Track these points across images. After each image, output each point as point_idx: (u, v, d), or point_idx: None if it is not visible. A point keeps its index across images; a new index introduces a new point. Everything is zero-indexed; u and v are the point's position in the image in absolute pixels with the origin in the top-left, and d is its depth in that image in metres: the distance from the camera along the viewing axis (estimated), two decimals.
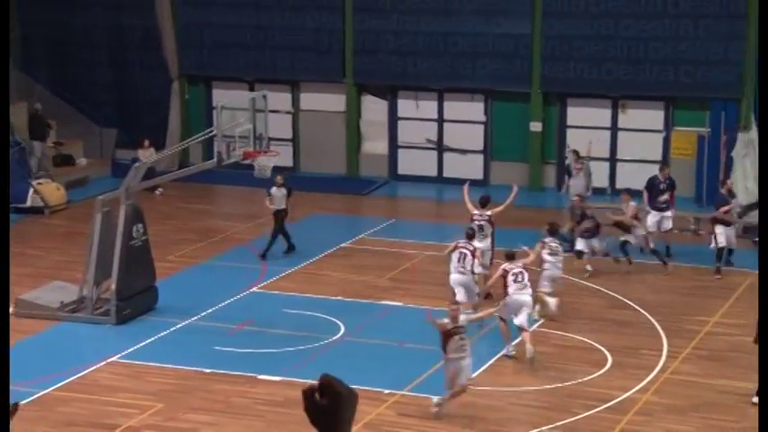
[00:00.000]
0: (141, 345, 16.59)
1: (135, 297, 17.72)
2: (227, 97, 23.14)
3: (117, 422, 13.85)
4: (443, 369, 13.93)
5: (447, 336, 13.72)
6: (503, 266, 16.47)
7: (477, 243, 17.75)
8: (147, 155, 23.71)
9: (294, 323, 17.36)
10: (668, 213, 20.56)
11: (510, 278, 16.07)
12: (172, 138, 27.51)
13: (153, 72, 28.25)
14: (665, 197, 20.52)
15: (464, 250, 17.23)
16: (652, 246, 19.78)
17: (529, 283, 16.17)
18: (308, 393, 2.69)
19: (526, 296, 16.08)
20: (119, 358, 16.08)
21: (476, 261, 17.21)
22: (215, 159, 18.17)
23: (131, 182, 17.96)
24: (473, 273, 17.20)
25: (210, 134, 18.58)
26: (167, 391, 14.90)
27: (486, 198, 19.16)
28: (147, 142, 25.39)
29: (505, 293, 16.10)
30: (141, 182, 18.66)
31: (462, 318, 13.92)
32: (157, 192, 25.01)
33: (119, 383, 15.17)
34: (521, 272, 16.12)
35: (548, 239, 17.77)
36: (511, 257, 16.52)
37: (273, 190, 20.55)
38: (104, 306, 17.57)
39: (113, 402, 14.41)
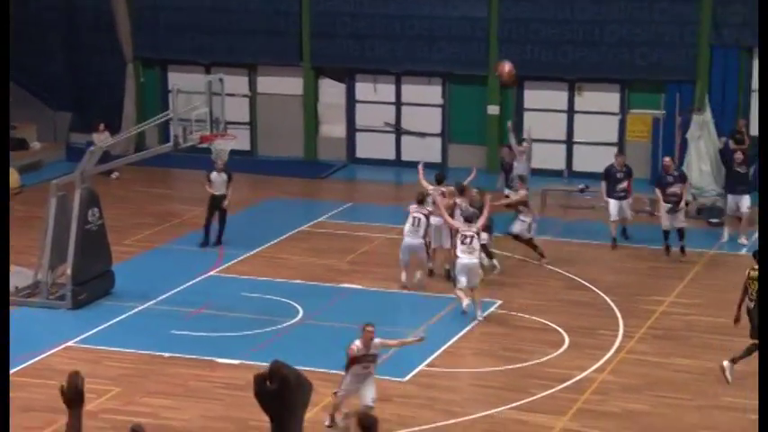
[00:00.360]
0: (98, 329, 16.51)
1: (91, 281, 17.63)
2: (182, 80, 22.98)
3: None
4: (343, 382, 13.10)
5: (352, 361, 12.92)
6: (458, 225, 17.12)
7: (432, 220, 17.98)
8: (101, 138, 23.51)
9: (253, 307, 17.35)
10: (626, 202, 20.58)
11: (458, 239, 16.68)
12: (127, 121, 27.32)
13: (107, 55, 27.98)
14: (622, 185, 20.57)
15: (417, 215, 17.84)
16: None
17: (477, 249, 16.67)
18: (258, 379, 2.70)
19: (473, 260, 16.58)
20: (75, 343, 15.99)
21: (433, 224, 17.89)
22: (171, 143, 18.07)
23: (86, 166, 17.84)
24: (424, 238, 17.85)
25: (166, 118, 18.47)
26: (125, 375, 14.85)
27: (442, 175, 19.36)
28: (101, 126, 25.16)
29: (455, 254, 16.74)
30: (96, 166, 18.52)
31: (377, 341, 12.86)
32: (113, 176, 24.82)
33: (76, 368, 15.07)
34: (472, 236, 16.59)
35: (459, 200, 18.02)
36: (469, 221, 16.96)
37: (213, 175, 20.31)
38: (60, 291, 17.45)
39: None
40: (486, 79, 25.75)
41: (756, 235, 20.49)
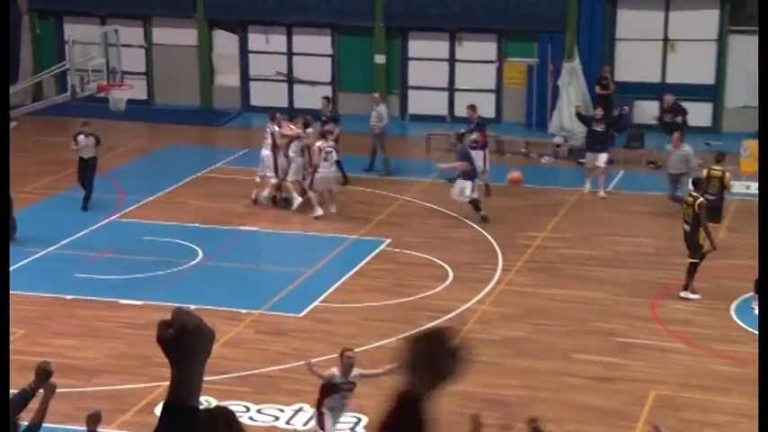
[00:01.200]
0: None
1: None
2: (78, 32, 22.24)
3: None
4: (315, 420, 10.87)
5: (329, 391, 10.52)
6: (317, 144, 18.35)
7: (264, 151, 19.11)
8: None
9: (154, 250, 17.06)
10: (486, 151, 20.32)
11: (322, 156, 18.09)
12: (24, 72, 26.34)
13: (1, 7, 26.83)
14: (473, 137, 20.19)
15: (267, 128, 19.28)
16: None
17: (335, 160, 18.73)
18: (160, 325, 2.63)
19: (333, 171, 18.65)
20: None
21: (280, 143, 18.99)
22: (69, 93, 17.51)
23: None
24: (272, 151, 19.02)
25: (63, 68, 17.88)
26: (29, 317, 14.46)
27: (308, 120, 19.69)
28: None
29: (316, 170, 18.25)
30: None
31: (356, 371, 10.62)
32: (11, 125, 23.90)
33: None
34: (331, 151, 18.45)
35: (321, 143, 18.48)
36: (324, 135, 18.61)
37: (81, 138, 19.06)
38: None
39: None
40: (372, 30, 25.59)
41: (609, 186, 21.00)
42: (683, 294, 15.12)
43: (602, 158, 20.03)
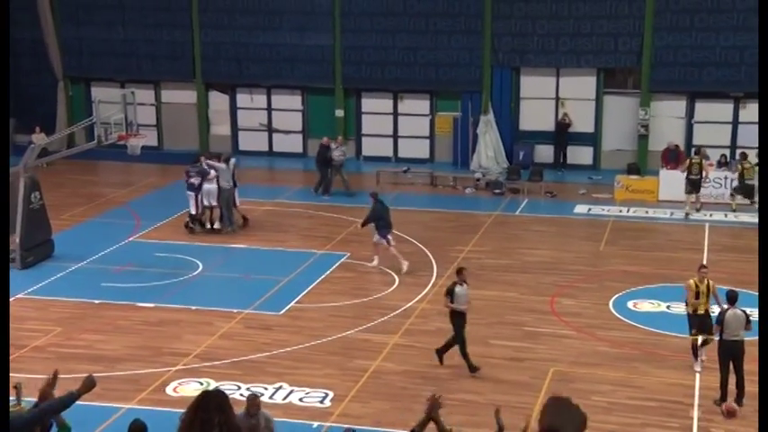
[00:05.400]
0: (43, 284, 15.75)
1: (36, 247, 16.79)
2: (103, 93, 22.00)
3: (26, 343, 13.14)
4: None
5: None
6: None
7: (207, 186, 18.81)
8: (38, 138, 22.29)
9: (163, 263, 16.87)
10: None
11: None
12: (60, 125, 26.02)
13: (42, 74, 26.60)
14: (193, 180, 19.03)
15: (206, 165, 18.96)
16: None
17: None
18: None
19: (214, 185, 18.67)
20: (25, 295, 15.20)
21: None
22: (95, 141, 17.32)
23: (29, 159, 16.90)
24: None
25: (91, 122, 17.68)
26: (65, 318, 14.23)
27: (226, 155, 19.76)
28: (38, 128, 23.86)
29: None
30: (37, 159, 17.58)
31: None
32: (43, 166, 23.60)
33: (26, 314, 14.37)
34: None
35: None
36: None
37: (458, 288, 12.40)
38: (11, 255, 16.54)
39: (22, 329, 13.65)
40: (333, 91, 25.68)
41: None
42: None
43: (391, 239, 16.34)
